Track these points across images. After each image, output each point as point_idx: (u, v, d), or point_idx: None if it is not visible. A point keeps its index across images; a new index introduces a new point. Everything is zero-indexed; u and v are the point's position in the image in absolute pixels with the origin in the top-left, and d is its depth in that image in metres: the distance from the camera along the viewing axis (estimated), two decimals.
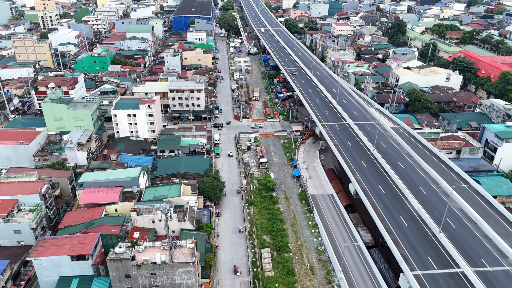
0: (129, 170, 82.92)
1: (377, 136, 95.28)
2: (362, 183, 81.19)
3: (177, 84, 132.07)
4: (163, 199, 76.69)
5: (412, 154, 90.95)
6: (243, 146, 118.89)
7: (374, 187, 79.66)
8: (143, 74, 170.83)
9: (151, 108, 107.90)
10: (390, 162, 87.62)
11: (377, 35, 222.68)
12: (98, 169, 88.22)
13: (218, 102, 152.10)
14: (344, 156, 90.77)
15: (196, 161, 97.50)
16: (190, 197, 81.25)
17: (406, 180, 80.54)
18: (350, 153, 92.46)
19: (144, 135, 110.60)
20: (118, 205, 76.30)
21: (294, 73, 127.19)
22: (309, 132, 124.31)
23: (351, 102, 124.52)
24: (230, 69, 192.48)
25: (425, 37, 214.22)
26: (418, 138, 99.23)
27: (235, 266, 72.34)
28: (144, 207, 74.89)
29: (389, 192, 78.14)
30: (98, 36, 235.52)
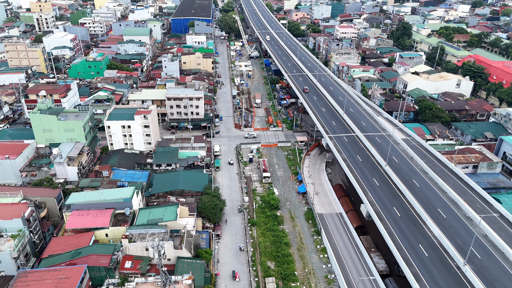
0: (121, 190, 76.45)
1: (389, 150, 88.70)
2: (375, 204, 74.73)
3: (175, 91, 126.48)
4: (158, 223, 70.16)
5: (427, 170, 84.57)
6: (244, 158, 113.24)
7: (389, 210, 73.25)
8: (140, 79, 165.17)
9: (147, 119, 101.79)
10: (404, 180, 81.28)
11: (382, 38, 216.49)
12: (88, 188, 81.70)
13: (218, 109, 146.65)
14: (354, 173, 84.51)
15: (194, 176, 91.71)
16: (187, 220, 74.89)
17: (423, 202, 74.01)
18: (361, 170, 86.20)
19: (139, 148, 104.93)
20: (109, 230, 69.83)
21: (306, 90, 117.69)
22: (314, 143, 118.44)
23: (359, 111, 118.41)
24: (231, 74, 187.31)
25: (432, 40, 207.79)
26: (432, 151, 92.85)
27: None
28: (137, 232, 68.42)
29: (405, 215, 71.65)
30: (94, 39, 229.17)
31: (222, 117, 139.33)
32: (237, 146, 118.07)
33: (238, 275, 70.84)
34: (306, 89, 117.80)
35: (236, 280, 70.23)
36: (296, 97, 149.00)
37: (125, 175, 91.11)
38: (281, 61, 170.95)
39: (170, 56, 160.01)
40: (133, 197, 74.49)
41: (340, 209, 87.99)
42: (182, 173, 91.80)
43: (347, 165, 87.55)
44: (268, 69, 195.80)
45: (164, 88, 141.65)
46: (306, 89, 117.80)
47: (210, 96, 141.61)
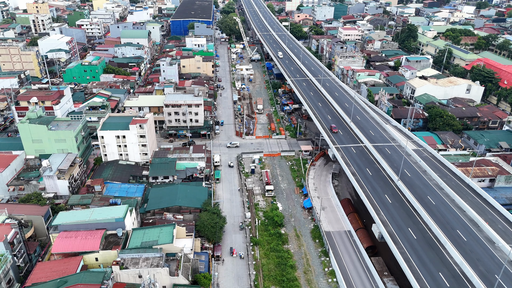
0: (113, 208, 71.09)
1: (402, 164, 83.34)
2: (388, 225, 69.38)
3: (173, 98, 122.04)
4: (152, 246, 64.72)
5: (442, 185, 79.33)
6: (246, 168, 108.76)
7: (403, 231, 67.97)
8: (138, 83, 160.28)
9: (143, 129, 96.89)
10: (418, 196, 76.10)
11: (387, 41, 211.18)
12: (78, 205, 76.21)
13: (219, 115, 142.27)
14: (365, 189, 79.45)
15: (193, 191, 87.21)
16: (184, 241, 69.59)
17: (440, 222, 68.57)
18: (371, 185, 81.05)
19: (135, 159, 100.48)
20: (99, 254, 64.36)
21: (334, 130, 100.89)
22: (320, 152, 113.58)
23: (366, 119, 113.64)
24: (232, 78, 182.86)
25: (438, 43, 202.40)
26: (447, 164, 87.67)
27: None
28: (129, 257, 62.95)
29: (421, 238, 66.22)
30: (91, 42, 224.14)
31: (223, 122, 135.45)
32: (238, 156, 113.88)
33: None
34: (335, 129, 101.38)
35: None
36: (300, 103, 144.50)
37: (119, 189, 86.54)
38: (284, 65, 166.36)
39: (169, 60, 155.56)
40: (126, 217, 69.17)
41: (348, 227, 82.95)
42: (180, 187, 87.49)
43: (356, 180, 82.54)
44: (270, 72, 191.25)
45: (162, 94, 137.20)
46: (335, 129, 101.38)
47: (210, 102, 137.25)
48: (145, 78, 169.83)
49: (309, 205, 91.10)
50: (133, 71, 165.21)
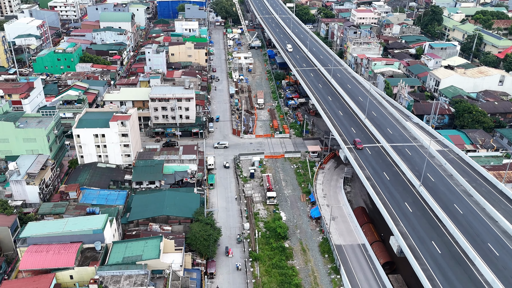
0: (91, 218, 71.17)
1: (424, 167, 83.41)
2: (408, 237, 69.47)
3: (160, 90, 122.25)
4: (136, 262, 64.76)
5: (471, 192, 79.46)
6: (244, 172, 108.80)
7: (426, 244, 68.07)
8: (119, 74, 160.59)
9: (125, 126, 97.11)
10: (443, 204, 76.24)
11: (407, 25, 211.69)
12: (51, 215, 76.34)
13: (213, 111, 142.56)
14: (381, 196, 79.60)
15: (183, 198, 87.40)
16: (173, 256, 69.65)
17: (469, 234, 68.63)
18: (389, 191, 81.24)
19: (116, 161, 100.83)
20: (74, 271, 64.41)
21: (359, 146, 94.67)
22: (329, 153, 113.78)
23: (383, 115, 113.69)
24: (228, 68, 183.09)
25: (467, 27, 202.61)
26: (476, 167, 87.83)
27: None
28: (109, 274, 63.04)
29: (446, 252, 66.29)
30: (66, 26, 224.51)
31: (219, 118, 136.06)
32: (235, 158, 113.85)
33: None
34: (359, 144, 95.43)
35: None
36: (306, 97, 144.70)
37: (98, 196, 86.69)
38: (288, 53, 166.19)
39: (156, 47, 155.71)
40: (105, 228, 69.22)
41: (363, 239, 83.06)
42: (167, 194, 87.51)
43: (372, 186, 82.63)
44: (272, 61, 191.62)
45: (147, 86, 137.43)
46: (359, 144, 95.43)
47: (203, 95, 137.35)
48: (128, 68, 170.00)
49: (317, 214, 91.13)
50: (114, 60, 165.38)
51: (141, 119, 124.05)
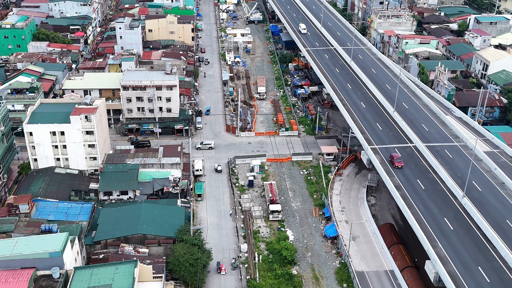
0: (47, 238, 71.73)
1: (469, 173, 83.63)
2: (449, 262, 70.11)
3: (135, 76, 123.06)
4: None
5: None
6: (241, 180, 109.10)
7: (471, 271, 68.62)
8: (83, 55, 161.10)
9: (91, 121, 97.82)
10: (493, 221, 76.81)
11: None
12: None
13: (202, 102, 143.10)
14: (415, 210, 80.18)
15: (163, 213, 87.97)
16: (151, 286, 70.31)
17: None
18: (425, 204, 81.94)
19: (78, 166, 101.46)
20: None
21: (398, 164, 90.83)
22: (349, 156, 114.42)
23: (417, 107, 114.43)
24: (220, 48, 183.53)
25: None
26: None
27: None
28: None
29: (497, 281, 66.92)
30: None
31: (209, 111, 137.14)
32: (229, 161, 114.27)
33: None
34: (399, 161, 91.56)
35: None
36: (320, 84, 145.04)
37: (56, 210, 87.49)
38: (296, 28, 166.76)
39: (129, 21, 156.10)
40: (65, 250, 69.56)
41: (391, 265, 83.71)
42: (144, 207, 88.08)
43: (402, 197, 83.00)
44: (276, 39, 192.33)
45: (118, 71, 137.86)
46: (399, 161, 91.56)
47: (188, 83, 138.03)
48: (94, 47, 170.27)
49: (334, 233, 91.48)
50: (76, 38, 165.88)
51: (110, 113, 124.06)
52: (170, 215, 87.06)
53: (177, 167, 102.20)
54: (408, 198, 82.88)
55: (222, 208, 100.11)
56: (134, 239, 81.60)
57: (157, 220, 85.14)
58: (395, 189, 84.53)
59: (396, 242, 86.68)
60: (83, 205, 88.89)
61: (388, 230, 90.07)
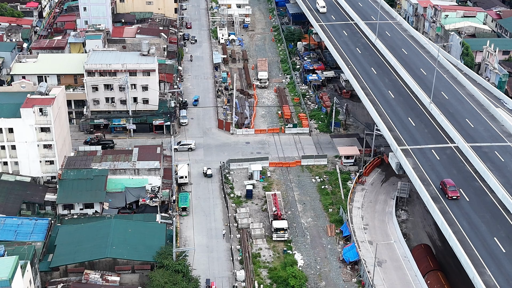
0: None
1: None
2: None
3: (102, 59, 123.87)
4: None
5: None
6: (237, 189, 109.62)
7: None
8: (37, 32, 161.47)
9: (46, 116, 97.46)
10: None
11: None
12: None
13: (187, 91, 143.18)
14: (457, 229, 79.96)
15: (138, 231, 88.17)
16: None
17: None
18: (469, 220, 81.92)
19: (31, 172, 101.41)
20: None
21: (452, 194, 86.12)
22: (374, 159, 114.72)
23: (459, 97, 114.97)
24: (211, 23, 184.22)
25: None
26: None
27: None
28: None
29: None
30: None
31: (198, 100, 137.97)
32: (222, 166, 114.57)
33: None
34: (453, 190, 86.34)
35: None
36: (337, 68, 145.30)
37: (2, 228, 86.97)
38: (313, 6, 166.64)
39: None
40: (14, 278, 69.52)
41: None
42: (114, 225, 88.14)
43: (441, 210, 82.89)
44: (281, 12, 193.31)
45: (82, 52, 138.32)
46: (453, 190, 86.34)
47: (170, 67, 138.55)
48: (51, 22, 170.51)
49: (354, 257, 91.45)
50: (28, 9, 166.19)
51: (71, 104, 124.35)
52: (147, 234, 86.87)
53: (156, 174, 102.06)
54: (448, 212, 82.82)
55: (213, 225, 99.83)
56: (102, 265, 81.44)
57: (131, 240, 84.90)
58: (432, 201, 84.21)
59: (433, 268, 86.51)
60: (37, 222, 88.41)
61: (423, 253, 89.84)
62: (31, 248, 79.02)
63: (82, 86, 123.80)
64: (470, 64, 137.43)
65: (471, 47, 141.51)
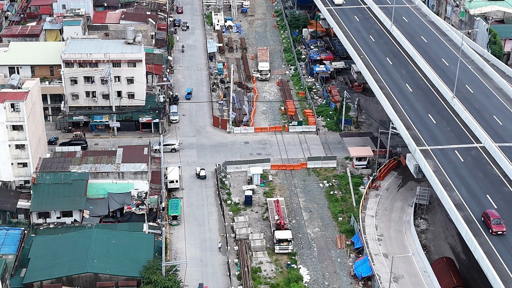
0: None
1: None
2: None
3: (82, 47, 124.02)
4: None
5: None
6: (234, 195, 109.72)
7: None
8: (8, 18, 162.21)
9: (19, 112, 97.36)
10: None
11: None
12: None
13: (178, 85, 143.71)
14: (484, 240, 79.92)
15: (123, 243, 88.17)
16: None
17: None
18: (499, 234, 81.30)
19: (1, 175, 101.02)
20: None
21: (497, 228, 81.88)
22: (389, 161, 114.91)
23: (486, 91, 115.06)
24: (205, 7, 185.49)
25: None
26: None
27: None
28: None
29: None
30: None
31: (191, 94, 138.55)
32: (218, 169, 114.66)
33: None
34: (498, 224, 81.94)
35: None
36: (347, 58, 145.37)
37: None
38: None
39: None
40: None
41: None
42: (95, 235, 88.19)
43: (465, 219, 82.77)
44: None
45: (59, 40, 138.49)
46: (498, 224, 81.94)
47: (159, 57, 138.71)
48: (24, 6, 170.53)
49: (367, 271, 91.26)
50: None
51: (47, 99, 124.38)
52: (133, 246, 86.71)
53: (143, 178, 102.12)
54: (474, 221, 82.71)
55: (207, 236, 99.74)
56: (82, 280, 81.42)
57: (115, 253, 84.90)
58: (455, 209, 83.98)
59: (456, 284, 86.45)
60: (8, 232, 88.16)
61: (445, 267, 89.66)
62: (2, 262, 78.60)
63: (59, 79, 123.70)
64: (498, 54, 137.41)
65: (499, 35, 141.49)
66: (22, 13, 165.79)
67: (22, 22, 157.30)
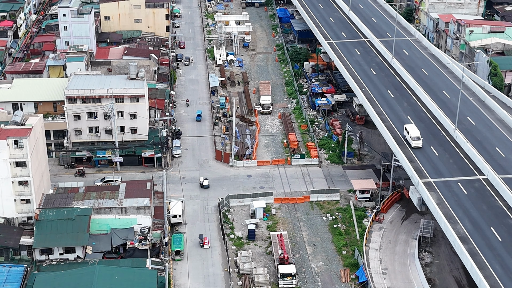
0: None
1: None
2: None
3: (85, 83, 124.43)
4: None
5: None
6: (238, 229, 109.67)
7: None
8: (12, 54, 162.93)
9: (22, 149, 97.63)
10: None
11: None
12: None
13: (181, 119, 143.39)
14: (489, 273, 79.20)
15: (126, 279, 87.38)
16: None
17: None
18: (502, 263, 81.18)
19: (4, 212, 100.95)
20: None
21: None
22: (392, 193, 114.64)
23: (488, 123, 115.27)
24: (207, 42, 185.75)
25: None
26: None
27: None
28: None
29: None
30: None
31: (201, 115, 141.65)
32: (221, 203, 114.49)
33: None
34: None
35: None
36: (349, 91, 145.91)
37: None
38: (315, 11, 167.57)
39: (77, 5, 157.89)
40: None
41: None
42: (98, 271, 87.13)
43: (470, 252, 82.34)
44: (286, 29, 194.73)
45: (62, 76, 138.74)
46: None
47: (162, 91, 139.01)
48: (28, 43, 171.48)
49: None
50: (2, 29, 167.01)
51: (50, 135, 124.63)
52: (136, 282, 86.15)
53: (145, 213, 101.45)
54: (478, 254, 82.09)
55: (210, 271, 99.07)
56: None
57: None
58: (459, 242, 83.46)
59: None
60: (10, 269, 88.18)
61: None
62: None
63: (62, 115, 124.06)
64: (499, 85, 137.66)
65: (499, 66, 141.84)
66: (25, 50, 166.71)
67: (26, 59, 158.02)
